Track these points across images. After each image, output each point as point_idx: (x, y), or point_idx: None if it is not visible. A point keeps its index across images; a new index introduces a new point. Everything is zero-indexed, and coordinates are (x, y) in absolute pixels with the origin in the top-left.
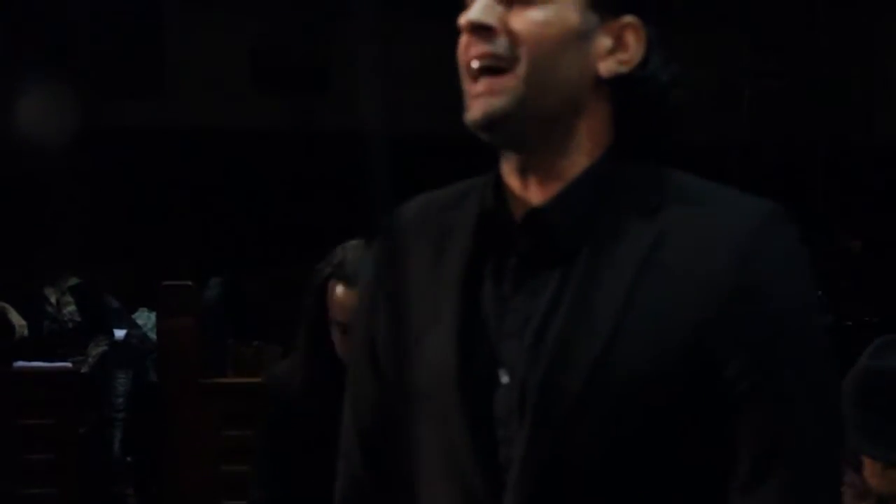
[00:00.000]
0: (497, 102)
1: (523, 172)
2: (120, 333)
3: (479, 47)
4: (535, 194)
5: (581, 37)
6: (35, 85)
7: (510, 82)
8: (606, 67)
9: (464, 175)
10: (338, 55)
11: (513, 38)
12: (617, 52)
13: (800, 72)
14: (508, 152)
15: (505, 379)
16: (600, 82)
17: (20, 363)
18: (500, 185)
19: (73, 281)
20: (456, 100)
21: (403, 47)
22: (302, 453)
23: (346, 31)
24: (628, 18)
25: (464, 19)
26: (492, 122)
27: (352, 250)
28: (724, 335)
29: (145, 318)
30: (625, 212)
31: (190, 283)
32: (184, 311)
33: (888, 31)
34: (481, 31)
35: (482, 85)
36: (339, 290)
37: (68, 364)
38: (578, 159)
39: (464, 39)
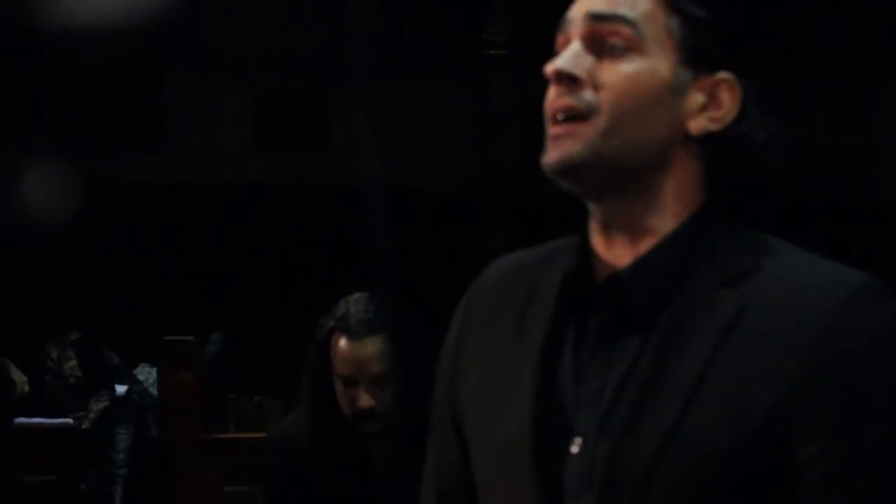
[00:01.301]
0: (573, 148)
1: (607, 230)
2: (121, 389)
3: (563, 100)
4: (618, 256)
5: (672, 92)
6: (33, 140)
7: (588, 131)
8: (697, 125)
9: (462, 230)
10: (338, 111)
11: (599, 89)
12: (709, 109)
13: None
14: (591, 204)
15: (575, 449)
16: (690, 140)
17: (21, 419)
18: (585, 246)
19: (74, 336)
20: (454, 156)
21: (404, 102)
22: None
23: (346, 86)
24: (723, 75)
25: (551, 67)
26: (567, 168)
27: (355, 303)
28: (801, 415)
29: (146, 374)
30: (708, 280)
31: (191, 337)
32: (185, 366)
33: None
34: (567, 80)
35: (560, 129)
36: (343, 343)
37: (69, 420)
38: (664, 220)
39: (551, 88)
